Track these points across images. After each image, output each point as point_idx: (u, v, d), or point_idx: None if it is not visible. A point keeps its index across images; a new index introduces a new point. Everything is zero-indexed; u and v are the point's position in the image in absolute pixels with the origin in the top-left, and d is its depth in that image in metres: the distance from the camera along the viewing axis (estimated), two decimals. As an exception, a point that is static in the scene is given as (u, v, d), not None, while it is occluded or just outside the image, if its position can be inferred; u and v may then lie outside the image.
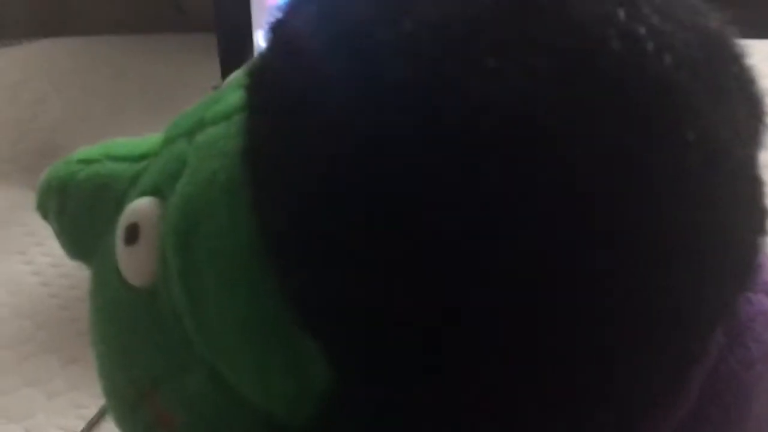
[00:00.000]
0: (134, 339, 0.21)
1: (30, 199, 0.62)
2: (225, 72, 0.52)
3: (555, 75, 0.16)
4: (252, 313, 0.18)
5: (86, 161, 0.23)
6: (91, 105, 0.67)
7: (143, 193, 0.21)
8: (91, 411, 0.45)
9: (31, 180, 0.61)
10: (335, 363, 0.17)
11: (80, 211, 0.23)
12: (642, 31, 0.16)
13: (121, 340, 0.21)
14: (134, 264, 0.20)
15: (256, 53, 0.48)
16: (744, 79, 0.18)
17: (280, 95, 0.18)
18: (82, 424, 0.45)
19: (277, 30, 0.19)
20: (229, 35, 0.53)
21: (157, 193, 0.20)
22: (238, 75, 0.22)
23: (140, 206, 0.20)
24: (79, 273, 0.54)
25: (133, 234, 0.20)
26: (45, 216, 0.24)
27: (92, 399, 0.46)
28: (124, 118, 0.63)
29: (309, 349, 0.17)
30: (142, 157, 0.22)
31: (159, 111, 0.21)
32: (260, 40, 0.53)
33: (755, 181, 0.18)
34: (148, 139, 0.23)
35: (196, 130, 0.20)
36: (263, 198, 0.17)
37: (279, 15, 0.19)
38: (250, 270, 0.17)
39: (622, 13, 0.16)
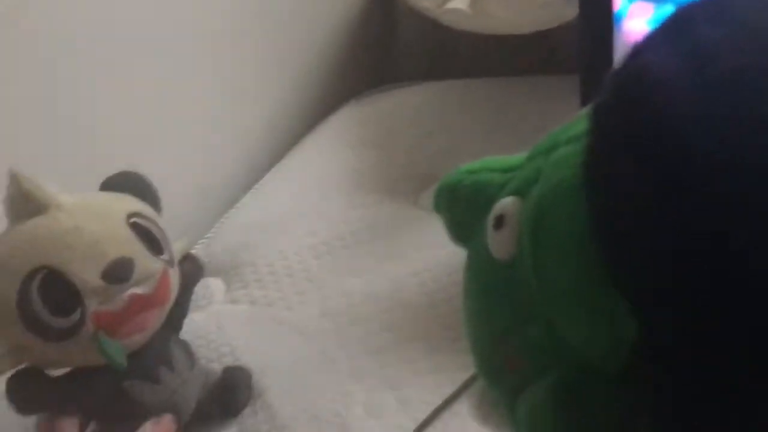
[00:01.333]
0: (493, 298, 0.28)
1: (413, 213, 0.72)
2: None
3: None
4: (580, 281, 0.24)
5: (470, 171, 0.31)
6: (468, 139, 0.75)
7: (509, 194, 0.28)
8: (448, 390, 0.53)
9: (414, 198, 0.72)
10: (644, 321, 0.22)
11: (464, 206, 0.31)
12: None
13: (484, 298, 0.28)
14: (498, 243, 0.27)
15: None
16: None
17: (615, 125, 0.23)
18: (439, 401, 0.52)
19: (620, 72, 0.24)
20: (590, 76, 0.58)
21: (518, 194, 0.27)
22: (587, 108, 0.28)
23: (506, 203, 0.27)
24: (446, 279, 0.63)
25: (499, 222, 0.27)
26: (438, 210, 0.33)
27: (450, 382, 0.53)
28: (496, 151, 0.72)
29: (622, 309, 0.22)
30: (511, 169, 0.29)
31: (528, 145, 0.28)
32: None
33: None
34: (516, 156, 0.30)
35: (551, 149, 0.27)
36: (596, 199, 0.23)
37: (625, 59, 0.24)
38: (581, 250, 0.23)
39: None
